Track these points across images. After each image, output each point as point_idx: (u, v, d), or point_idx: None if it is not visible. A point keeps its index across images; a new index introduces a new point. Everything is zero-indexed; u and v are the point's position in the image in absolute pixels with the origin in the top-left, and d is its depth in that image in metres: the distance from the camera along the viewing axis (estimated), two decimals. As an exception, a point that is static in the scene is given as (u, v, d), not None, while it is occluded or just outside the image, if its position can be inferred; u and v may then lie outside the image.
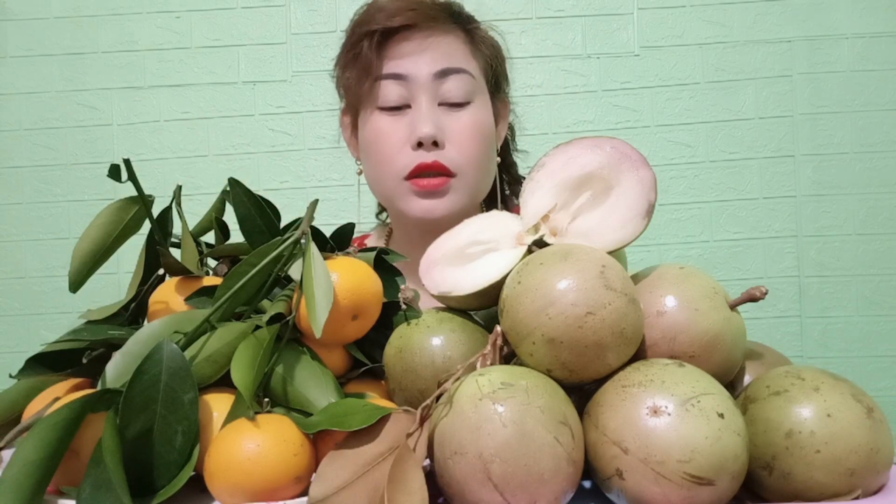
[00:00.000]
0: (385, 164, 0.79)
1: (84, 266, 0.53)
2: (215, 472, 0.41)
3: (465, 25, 0.83)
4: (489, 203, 0.90)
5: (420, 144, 0.76)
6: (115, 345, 0.47)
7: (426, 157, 0.76)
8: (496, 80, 0.86)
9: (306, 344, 0.50)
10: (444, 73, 0.77)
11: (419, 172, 0.77)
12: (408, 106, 0.78)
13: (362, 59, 0.79)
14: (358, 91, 0.81)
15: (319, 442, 0.45)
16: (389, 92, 0.78)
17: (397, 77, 0.78)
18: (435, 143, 0.76)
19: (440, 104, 0.78)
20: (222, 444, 0.41)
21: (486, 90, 0.82)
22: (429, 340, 0.48)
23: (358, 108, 0.83)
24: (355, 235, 0.96)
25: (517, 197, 0.88)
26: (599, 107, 1.55)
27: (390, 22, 0.78)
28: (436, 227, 0.71)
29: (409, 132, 0.77)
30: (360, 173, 0.86)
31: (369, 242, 0.96)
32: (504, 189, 0.90)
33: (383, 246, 0.90)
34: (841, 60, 1.52)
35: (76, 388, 0.49)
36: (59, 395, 0.46)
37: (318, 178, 1.57)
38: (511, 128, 0.96)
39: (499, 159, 0.86)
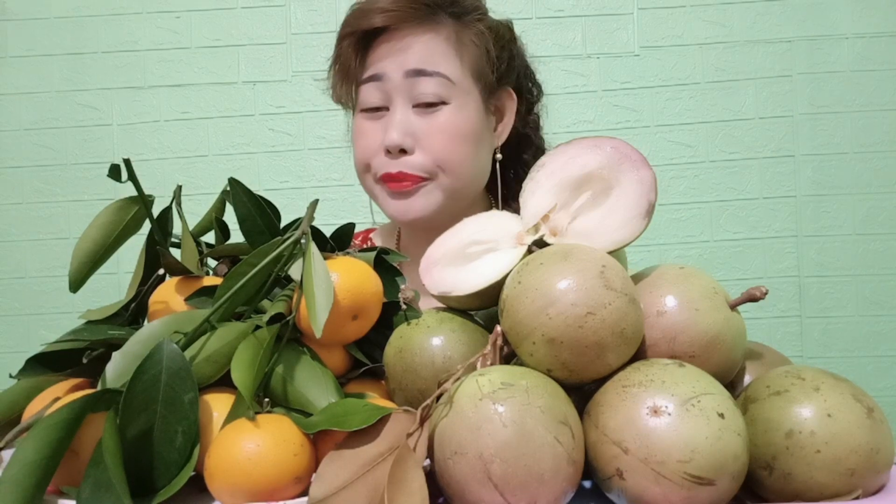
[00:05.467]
0: (363, 165, 0.81)
1: (84, 266, 0.53)
2: (215, 472, 0.41)
3: (460, 18, 0.80)
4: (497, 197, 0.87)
5: (389, 151, 0.77)
6: (115, 345, 0.47)
7: (391, 166, 0.77)
8: (491, 75, 0.81)
9: (306, 344, 0.50)
10: (415, 73, 0.76)
11: (387, 180, 0.78)
12: (386, 108, 0.78)
13: (343, 62, 0.81)
14: (341, 95, 0.82)
15: (319, 442, 0.45)
16: (369, 95, 0.78)
17: (374, 78, 0.78)
18: (403, 151, 0.76)
19: (415, 105, 0.77)
20: (222, 444, 0.41)
21: (473, 89, 0.79)
22: (429, 340, 0.48)
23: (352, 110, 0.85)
24: (360, 230, 0.96)
25: (514, 201, 0.85)
26: (599, 107, 1.55)
27: (366, 24, 0.77)
28: (431, 227, 0.70)
29: (384, 136, 0.77)
30: None
31: (374, 237, 0.95)
32: (506, 188, 0.87)
33: (392, 243, 0.91)
34: (841, 60, 1.52)
35: (76, 388, 0.48)
36: (59, 395, 0.46)
37: (318, 178, 1.57)
38: (535, 119, 0.93)
39: (499, 156, 0.84)
